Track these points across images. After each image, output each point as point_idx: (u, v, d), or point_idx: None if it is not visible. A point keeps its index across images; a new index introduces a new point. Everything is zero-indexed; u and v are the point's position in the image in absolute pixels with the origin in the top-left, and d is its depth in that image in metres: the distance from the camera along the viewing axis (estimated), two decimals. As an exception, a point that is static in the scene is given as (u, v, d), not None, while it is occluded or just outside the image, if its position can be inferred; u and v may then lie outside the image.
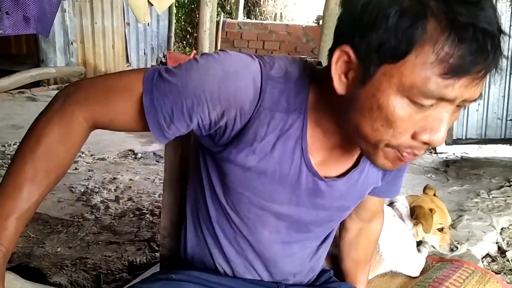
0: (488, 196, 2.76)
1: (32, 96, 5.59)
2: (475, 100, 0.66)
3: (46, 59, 6.17)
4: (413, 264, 1.86)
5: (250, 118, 0.75)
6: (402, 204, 1.90)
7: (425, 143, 0.66)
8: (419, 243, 2.08)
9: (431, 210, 1.89)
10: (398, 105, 0.64)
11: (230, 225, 0.88)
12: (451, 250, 1.80)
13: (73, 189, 2.82)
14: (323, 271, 1.05)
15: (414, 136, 0.66)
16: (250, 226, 0.87)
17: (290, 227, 0.89)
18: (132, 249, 2.17)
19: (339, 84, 0.69)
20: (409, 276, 1.85)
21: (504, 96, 3.57)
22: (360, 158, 0.86)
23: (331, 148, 0.82)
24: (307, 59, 0.89)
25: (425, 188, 2.03)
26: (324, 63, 0.79)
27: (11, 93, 5.53)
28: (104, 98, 0.76)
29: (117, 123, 0.78)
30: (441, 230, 1.80)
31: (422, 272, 1.89)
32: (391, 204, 1.91)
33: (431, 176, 3.29)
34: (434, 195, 1.93)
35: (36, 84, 6.02)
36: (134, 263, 2.03)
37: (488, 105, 3.59)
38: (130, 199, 2.72)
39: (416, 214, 1.76)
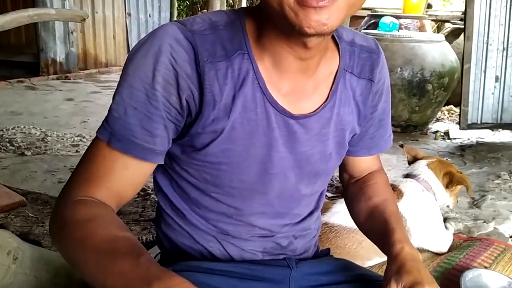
0: (510, 177, 2.65)
1: (31, 85, 5.51)
2: None
3: (46, 48, 6.06)
4: (441, 241, 1.75)
5: (198, 79, 0.72)
6: (428, 174, 1.78)
7: None
8: (444, 220, 1.96)
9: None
10: None
11: (217, 203, 0.83)
12: None
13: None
14: (321, 250, 1.02)
15: None
16: (237, 197, 0.83)
17: (279, 195, 0.85)
18: (137, 228, 2.06)
19: None
20: (436, 253, 1.74)
21: (521, 79, 3.45)
22: (329, 94, 0.82)
23: (293, 79, 0.78)
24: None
25: (403, 147, 1.98)
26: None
27: (9, 82, 5.44)
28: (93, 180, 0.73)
29: (128, 186, 0.75)
30: None
31: (450, 250, 1.77)
32: (414, 177, 1.80)
33: (447, 159, 3.16)
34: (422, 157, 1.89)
35: (35, 73, 5.92)
36: (140, 240, 1.91)
37: (504, 88, 3.46)
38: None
39: (455, 179, 1.72)
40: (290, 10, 0.64)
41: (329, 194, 2.41)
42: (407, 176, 1.84)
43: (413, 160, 1.91)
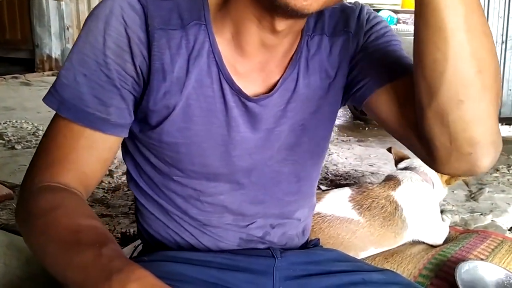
0: (508, 171, 2.61)
1: (26, 82, 5.50)
2: None
3: (41, 44, 6.04)
4: (437, 233, 1.70)
5: (148, 45, 0.68)
6: (427, 167, 1.74)
7: None
8: (441, 212, 1.92)
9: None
10: None
11: (182, 186, 0.78)
12: None
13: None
14: (311, 240, 0.96)
15: None
16: (202, 180, 0.78)
17: (248, 177, 0.79)
18: (126, 221, 2.02)
19: None
20: (431, 245, 1.69)
21: (520, 72, 3.40)
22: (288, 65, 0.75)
23: (254, 56, 0.72)
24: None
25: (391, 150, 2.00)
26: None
27: (4, 78, 5.43)
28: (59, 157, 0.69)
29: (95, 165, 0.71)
30: None
31: (445, 242, 1.73)
32: (413, 169, 1.76)
33: (444, 154, 3.13)
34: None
35: (31, 69, 5.89)
36: (128, 234, 1.86)
37: (503, 81, 3.42)
38: (124, 173, 2.56)
39: None
40: None
41: (323, 187, 2.36)
42: (405, 168, 1.80)
43: (400, 161, 1.88)
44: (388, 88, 0.73)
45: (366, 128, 3.84)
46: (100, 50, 0.67)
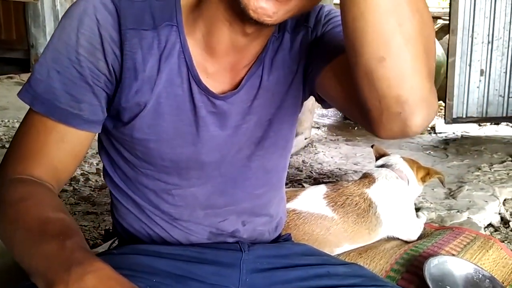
0: (490, 169, 2.64)
1: (21, 81, 5.49)
2: None
3: (36, 44, 6.04)
4: (411, 229, 1.74)
5: (121, 45, 0.70)
6: (402, 164, 1.78)
7: None
8: (417, 209, 1.96)
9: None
10: None
11: (153, 180, 0.81)
12: None
13: (53, 163, 2.69)
14: (282, 235, 0.99)
15: None
16: (173, 175, 0.81)
17: (217, 170, 0.82)
18: (110, 219, 2.03)
19: None
20: (405, 241, 1.72)
21: (506, 73, 3.43)
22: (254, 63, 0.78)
23: (224, 57, 0.74)
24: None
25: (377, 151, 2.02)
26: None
27: (-1, 78, 5.43)
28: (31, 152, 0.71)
29: (66, 157, 0.73)
30: None
31: (420, 238, 1.76)
32: (389, 166, 1.80)
33: (429, 153, 3.16)
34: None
35: (26, 69, 5.89)
36: (111, 230, 1.89)
37: (490, 82, 3.45)
38: (112, 172, 2.59)
39: (428, 172, 1.77)
40: None
41: (306, 186, 2.40)
42: (382, 166, 1.84)
43: (380, 158, 1.92)
44: (332, 65, 0.75)
45: (356, 128, 3.87)
46: (73, 48, 0.69)
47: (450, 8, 3.43)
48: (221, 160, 0.81)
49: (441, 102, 4.63)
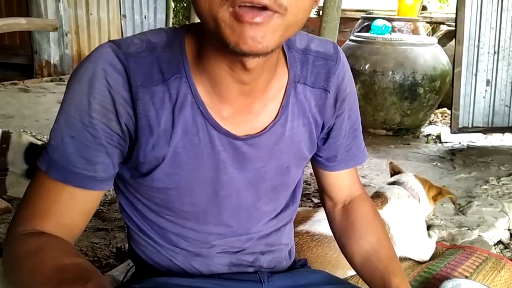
0: (498, 183, 2.64)
1: (24, 88, 5.48)
2: None
3: (40, 50, 6.05)
4: (424, 249, 1.74)
5: (133, 104, 0.70)
6: (415, 183, 1.79)
7: None
8: (428, 227, 1.96)
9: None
10: None
11: (173, 224, 0.83)
12: None
13: (61, 176, 2.69)
14: (298, 260, 1.01)
15: None
16: (191, 219, 0.82)
17: (236, 215, 0.83)
18: (121, 235, 2.05)
19: None
20: (418, 261, 1.73)
21: (511, 83, 3.44)
22: (279, 110, 0.79)
23: (236, 101, 0.75)
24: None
25: (394, 168, 2.03)
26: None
27: (3, 84, 5.42)
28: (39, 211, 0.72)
29: (74, 218, 0.73)
30: None
31: (432, 258, 1.77)
32: (401, 184, 1.80)
33: (436, 164, 3.16)
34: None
35: (29, 75, 5.90)
36: (122, 249, 1.90)
37: (495, 92, 3.46)
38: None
39: (440, 192, 1.79)
40: (226, 27, 0.61)
41: (316, 200, 2.40)
42: (393, 183, 1.84)
43: (395, 175, 1.93)
44: (332, 173, 0.95)
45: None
46: (85, 112, 0.69)
47: (456, 18, 3.43)
48: (239, 205, 0.82)
49: (445, 109, 4.67)
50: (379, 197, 1.76)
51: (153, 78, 0.70)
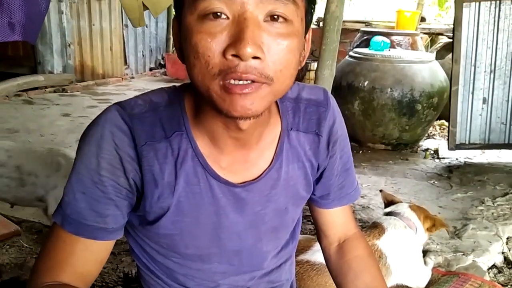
0: (493, 203, 2.70)
1: (28, 99, 5.54)
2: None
3: (43, 61, 6.11)
4: (420, 277, 1.82)
5: (138, 161, 0.77)
6: (410, 213, 1.86)
7: (234, 55, 0.64)
8: (424, 252, 2.03)
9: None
10: (196, 28, 0.66)
11: (180, 265, 0.88)
12: None
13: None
14: None
15: (224, 55, 0.65)
16: (197, 261, 0.88)
17: (238, 255, 0.89)
18: (128, 259, 2.11)
19: (179, 54, 0.74)
20: (415, 290, 1.80)
21: (508, 101, 3.50)
22: (274, 157, 0.85)
23: (233, 153, 0.81)
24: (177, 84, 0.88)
25: (388, 196, 2.08)
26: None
27: (7, 96, 5.47)
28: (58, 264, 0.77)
29: (90, 268, 0.79)
30: None
31: (428, 285, 1.84)
32: (397, 214, 1.87)
33: (434, 182, 3.23)
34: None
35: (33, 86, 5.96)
36: (130, 275, 1.97)
37: (492, 109, 3.53)
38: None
39: (437, 223, 1.85)
40: (217, 97, 0.67)
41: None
42: (389, 214, 1.91)
43: (389, 204, 1.99)
44: (326, 211, 0.99)
45: (360, 152, 3.94)
46: (95, 171, 0.75)
47: (453, 38, 3.50)
48: (240, 247, 0.89)
49: (443, 121, 4.74)
50: (376, 227, 1.83)
51: (156, 136, 0.77)
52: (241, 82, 0.65)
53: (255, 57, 0.64)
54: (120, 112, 0.76)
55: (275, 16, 0.66)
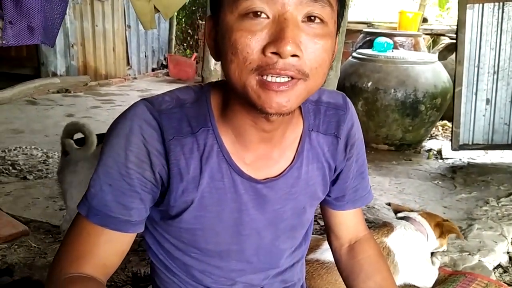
0: (498, 204, 2.72)
1: (32, 100, 5.55)
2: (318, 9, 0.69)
3: (46, 62, 6.13)
4: (427, 277, 1.83)
5: (166, 155, 0.78)
6: (422, 220, 1.89)
7: (274, 53, 0.67)
8: (432, 253, 2.05)
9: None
10: (236, 26, 0.68)
11: (198, 262, 0.90)
12: None
13: (75, 197, 2.76)
14: None
15: (264, 52, 0.68)
16: (215, 257, 0.89)
17: (256, 253, 0.90)
18: (136, 259, 2.12)
19: (212, 51, 0.77)
20: (422, 289, 1.82)
21: (511, 101, 3.52)
22: (295, 156, 0.87)
23: (257, 149, 0.83)
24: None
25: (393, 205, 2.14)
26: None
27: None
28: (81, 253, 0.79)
29: (111, 261, 0.80)
30: None
31: (435, 284, 1.86)
32: (408, 219, 1.89)
33: (438, 182, 3.24)
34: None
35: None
36: (139, 274, 1.98)
37: (495, 110, 3.55)
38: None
39: (445, 229, 1.87)
40: (253, 93, 0.69)
41: (322, 222, 2.48)
42: (403, 218, 1.94)
43: (398, 213, 2.03)
44: (339, 213, 1.02)
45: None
46: (122, 163, 0.77)
47: (456, 39, 3.52)
48: (259, 243, 0.91)
49: (446, 122, 4.75)
50: (385, 226, 1.85)
51: (183, 131, 0.79)
52: (278, 79, 0.68)
53: (293, 55, 0.67)
54: (149, 107, 0.78)
55: (312, 17, 0.69)
